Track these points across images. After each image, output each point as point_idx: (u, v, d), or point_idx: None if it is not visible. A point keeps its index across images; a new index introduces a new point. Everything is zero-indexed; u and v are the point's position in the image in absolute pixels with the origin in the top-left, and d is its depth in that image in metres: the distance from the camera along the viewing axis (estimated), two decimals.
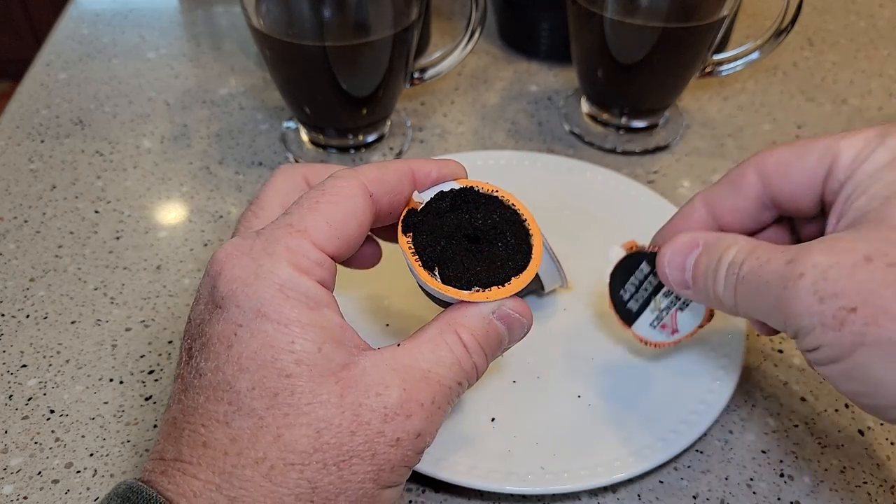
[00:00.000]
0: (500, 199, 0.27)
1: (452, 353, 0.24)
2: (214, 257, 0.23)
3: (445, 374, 0.24)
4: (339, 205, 0.24)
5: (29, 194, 0.45)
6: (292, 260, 0.23)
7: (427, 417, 0.23)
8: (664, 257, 0.28)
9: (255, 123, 0.50)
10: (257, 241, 0.23)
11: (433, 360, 0.24)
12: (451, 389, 0.24)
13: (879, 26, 0.61)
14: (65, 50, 0.57)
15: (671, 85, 0.47)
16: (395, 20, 0.40)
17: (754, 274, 0.24)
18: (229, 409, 0.22)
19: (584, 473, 0.30)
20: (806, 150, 0.26)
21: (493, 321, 0.25)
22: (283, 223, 0.24)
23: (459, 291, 0.25)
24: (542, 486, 0.29)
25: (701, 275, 0.27)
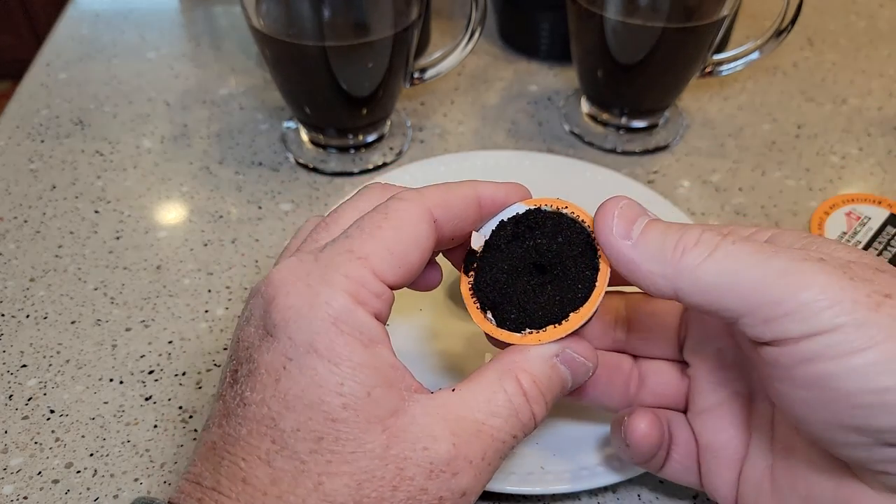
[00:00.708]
0: (567, 217, 0.25)
1: (511, 403, 0.22)
2: (270, 279, 0.22)
3: (501, 426, 0.22)
4: (403, 230, 0.23)
5: (29, 194, 0.45)
6: (350, 290, 0.21)
7: (475, 476, 0.22)
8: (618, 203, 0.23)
9: (255, 123, 0.50)
10: (315, 267, 0.22)
11: (488, 410, 0.22)
12: (504, 444, 0.22)
13: (879, 26, 0.61)
14: (65, 50, 0.57)
15: (671, 85, 0.47)
16: (395, 20, 0.40)
17: (752, 243, 0.21)
18: (272, 448, 0.21)
19: (584, 473, 0.30)
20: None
21: (557, 365, 0.24)
22: (343, 248, 0.22)
23: (510, 335, 0.24)
24: (542, 487, 0.29)
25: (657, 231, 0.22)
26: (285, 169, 0.47)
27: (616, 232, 0.23)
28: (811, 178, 0.47)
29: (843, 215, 0.41)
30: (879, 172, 0.47)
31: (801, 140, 0.50)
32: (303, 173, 0.47)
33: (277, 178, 0.46)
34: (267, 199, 0.45)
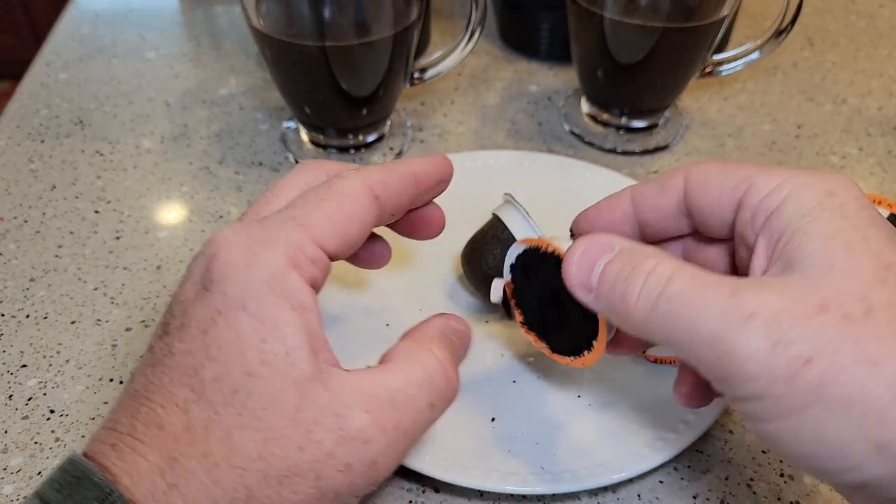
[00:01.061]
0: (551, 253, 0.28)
1: (425, 370, 0.23)
2: (212, 239, 0.23)
3: (415, 394, 0.23)
4: (344, 204, 0.24)
5: (29, 194, 0.45)
6: (289, 253, 0.22)
7: (388, 444, 0.22)
8: (574, 253, 0.24)
9: (255, 123, 0.50)
10: (257, 229, 0.23)
11: (403, 379, 0.23)
12: (420, 413, 0.23)
13: (879, 26, 0.62)
14: (65, 50, 0.57)
15: (671, 85, 0.47)
16: (395, 20, 0.40)
17: (686, 297, 0.21)
18: (190, 397, 0.22)
19: (584, 473, 0.30)
20: (727, 171, 0.24)
21: (450, 336, 0.26)
22: (286, 215, 0.23)
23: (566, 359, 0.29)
24: (542, 487, 0.29)
25: (609, 279, 0.23)
26: (285, 169, 0.47)
27: (578, 284, 0.24)
28: None
29: None
30: (879, 172, 0.47)
31: (800, 140, 0.50)
32: None
33: (278, 178, 0.46)
34: None
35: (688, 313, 0.21)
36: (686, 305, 0.21)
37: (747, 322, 0.20)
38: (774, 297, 0.20)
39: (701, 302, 0.21)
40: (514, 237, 0.35)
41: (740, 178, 0.24)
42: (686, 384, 0.27)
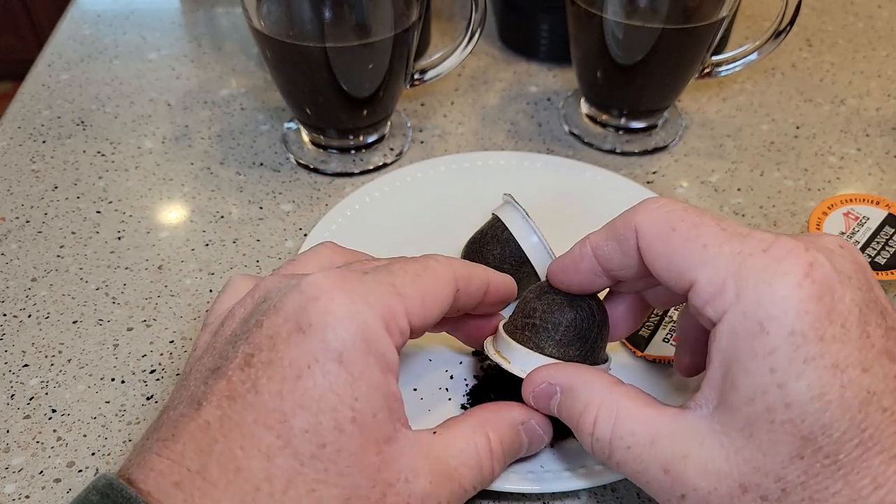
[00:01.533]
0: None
1: (478, 455, 0.25)
2: (314, 280, 0.23)
3: (467, 475, 0.24)
4: (436, 287, 0.25)
5: (31, 194, 0.45)
6: (386, 316, 0.23)
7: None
8: (528, 397, 0.27)
9: (256, 124, 0.51)
10: (360, 286, 0.23)
11: (461, 459, 0.24)
12: (466, 492, 0.25)
13: (878, 27, 0.62)
14: (66, 51, 0.57)
15: (670, 86, 0.47)
16: (396, 21, 0.41)
17: (629, 464, 0.23)
18: (275, 444, 0.21)
19: (583, 473, 0.30)
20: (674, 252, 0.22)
21: (521, 432, 0.27)
22: (387, 281, 0.24)
23: None
24: (541, 486, 0.30)
25: (564, 417, 0.26)
26: (286, 169, 0.47)
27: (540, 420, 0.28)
28: (809, 178, 0.47)
29: (842, 215, 0.41)
30: (878, 172, 0.48)
31: (799, 140, 0.50)
32: (303, 174, 0.47)
33: (278, 178, 0.46)
34: (268, 200, 0.45)
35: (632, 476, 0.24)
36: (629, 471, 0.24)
37: (682, 501, 0.22)
38: (701, 477, 0.22)
39: (642, 474, 0.23)
40: (514, 237, 0.35)
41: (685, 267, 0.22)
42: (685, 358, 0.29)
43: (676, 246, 0.22)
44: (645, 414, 0.24)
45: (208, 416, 0.22)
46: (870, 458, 0.20)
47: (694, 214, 0.23)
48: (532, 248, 0.35)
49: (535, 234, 0.35)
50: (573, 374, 0.26)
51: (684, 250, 0.22)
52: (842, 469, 0.20)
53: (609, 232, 0.25)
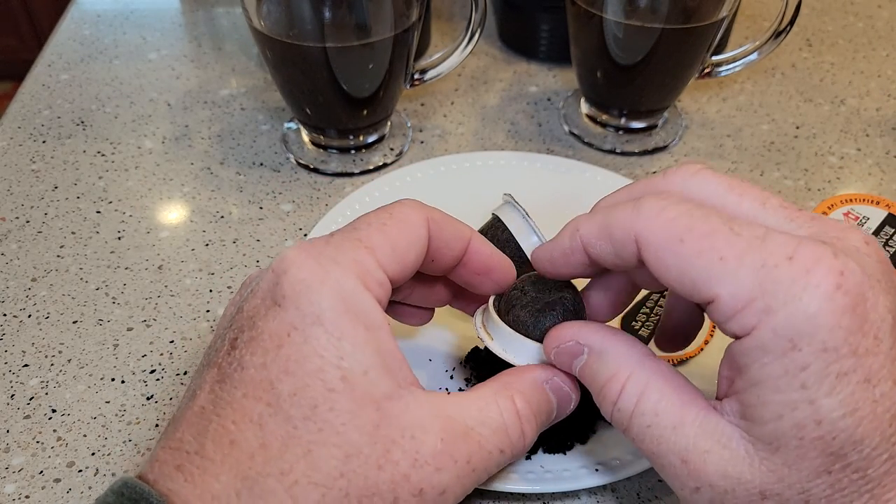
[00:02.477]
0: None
1: (502, 416, 0.23)
2: (282, 255, 0.23)
3: (489, 437, 0.23)
4: (406, 231, 0.24)
5: (31, 194, 0.45)
6: (359, 273, 0.22)
7: (458, 477, 0.22)
8: (550, 352, 0.25)
9: (256, 124, 0.51)
10: (326, 249, 0.23)
11: (479, 419, 0.23)
12: (490, 455, 0.23)
13: (878, 27, 0.62)
14: (66, 51, 0.57)
15: (670, 86, 0.47)
16: (396, 21, 0.41)
17: (648, 443, 0.23)
18: (266, 411, 0.21)
19: (583, 473, 0.30)
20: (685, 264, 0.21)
21: (546, 391, 0.25)
22: (351, 236, 0.23)
23: None
24: (541, 486, 0.30)
25: (589, 381, 0.25)
26: (286, 169, 0.47)
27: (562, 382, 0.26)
28: (809, 178, 0.47)
29: (842, 215, 0.41)
30: (878, 173, 0.48)
31: (799, 140, 0.50)
32: (304, 174, 0.47)
33: (278, 178, 0.46)
34: (268, 200, 0.45)
35: (650, 455, 0.23)
36: (648, 449, 0.23)
37: (695, 494, 0.22)
38: (720, 477, 0.21)
39: (660, 455, 0.22)
40: (514, 237, 0.35)
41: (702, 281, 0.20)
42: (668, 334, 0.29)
43: (689, 259, 0.21)
44: (673, 398, 0.23)
45: (202, 402, 0.22)
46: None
47: (701, 221, 0.21)
48: (532, 248, 0.35)
49: (535, 233, 0.35)
50: (606, 336, 0.24)
51: (699, 264, 0.20)
52: (869, 483, 0.20)
53: (603, 232, 0.23)
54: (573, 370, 0.25)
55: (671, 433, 0.22)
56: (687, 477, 0.22)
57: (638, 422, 0.23)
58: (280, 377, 0.21)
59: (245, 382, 0.21)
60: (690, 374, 0.34)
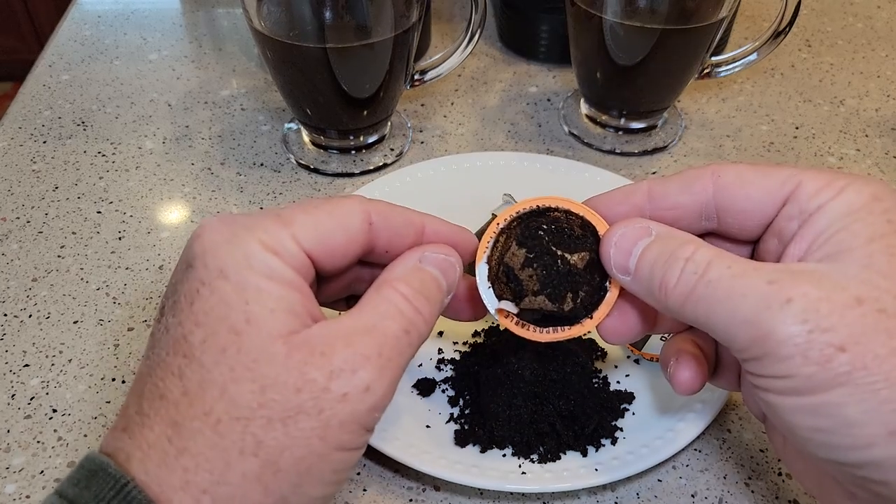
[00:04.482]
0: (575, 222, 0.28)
1: (391, 303, 0.25)
2: (200, 224, 0.25)
3: (389, 325, 0.24)
4: (334, 215, 0.25)
5: (31, 195, 0.45)
6: (265, 241, 0.24)
7: (377, 371, 0.23)
8: (612, 236, 0.26)
9: (256, 125, 0.51)
10: (241, 218, 0.25)
11: (374, 315, 0.24)
12: (398, 339, 0.24)
13: (877, 28, 0.62)
14: (67, 51, 0.57)
15: (669, 86, 0.47)
16: (396, 22, 0.41)
17: (725, 282, 0.23)
18: (183, 363, 0.23)
19: (583, 472, 0.30)
20: (767, 172, 0.25)
21: (423, 267, 0.26)
22: (272, 212, 0.25)
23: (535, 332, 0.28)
24: (541, 485, 0.30)
25: (647, 264, 0.25)
26: (286, 170, 0.47)
27: (615, 266, 0.26)
28: None
29: None
30: (877, 173, 0.48)
31: (798, 141, 0.50)
32: (304, 174, 0.47)
33: (279, 178, 0.46)
34: (268, 200, 0.45)
35: (726, 297, 0.22)
36: (725, 290, 0.23)
37: (784, 307, 0.21)
38: (812, 286, 0.22)
39: (740, 288, 0.22)
40: None
41: (785, 177, 0.25)
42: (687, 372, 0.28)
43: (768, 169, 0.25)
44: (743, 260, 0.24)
45: (141, 369, 0.24)
46: None
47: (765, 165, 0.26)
48: None
49: None
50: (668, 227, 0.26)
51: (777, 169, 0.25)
52: None
53: (670, 178, 0.27)
54: (632, 255, 0.25)
55: (754, 269, 0.23)
56: (777, 293, 0.22)
57: (718, 264, 0.23)
58: (192, 329, 0.23)
59: (167, 343, 0.23)
60: None
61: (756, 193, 0.25)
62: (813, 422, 0.22)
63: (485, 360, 0.34)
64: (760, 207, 0.25)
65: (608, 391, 0.33)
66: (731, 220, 0.26)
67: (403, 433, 0.32)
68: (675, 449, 0.31)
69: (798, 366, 0.21)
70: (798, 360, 0.21)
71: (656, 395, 0.33)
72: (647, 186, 0.27)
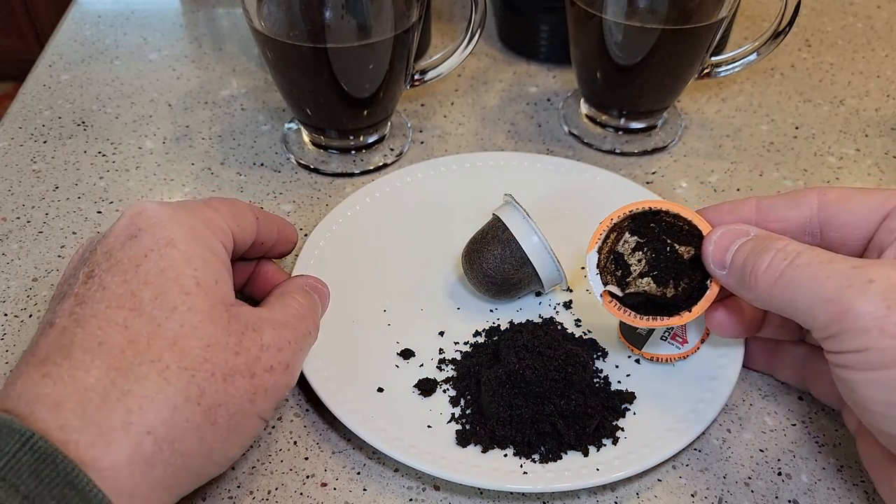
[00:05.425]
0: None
1: (297, 309, 0.30)
2: (134, 204, 0.27)
3: (297, 324, 0.29)
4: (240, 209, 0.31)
5: (32, 195, 0.45)
6: (204, 219, 0.28)
7: (292, 354, 0.28)
8: (714, 234, 0.29)
9: (256, 124, 0.51)
10: (177, 204, 0.28)
11: (287, 314, 0.29)
12: (305, 336, 0.29)
13: (877, 27, 0.62)
14: (67, 51, 0.57)
15: (669, 86, 0.47)
16: (396, 22, 0.41)
17: (812, 266, 0.25)
18: (130, 315, 0.24)
19: (584, 472, 0.30)
20: (871, 191, 0.29)
21: (307, 290, 0.32)
22: (200, 201, 0.29)
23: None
24: (542, 485, 0.30)
25: (741, 256, 0.28)
26: (287, 170, 0.47)
27: (713, 262, 0.29)
28: (809, 178, 0.47)
29: None
30: (877, 173, 0.48)
31: (798, 141, 0.50)
32: (304, 174, 0.47)
33: (279, 178, 0.46)
34: (269, 200, 0.45)
35: (811, 278, 0.25)
36: (811, 272, 0.25)
37: (866, 286, 0.24)
38: (893, 271, 0.24)
39: (825, 270, 0.25)
40: (514, 237, 0.35)
41: (888, 195, 0.28)
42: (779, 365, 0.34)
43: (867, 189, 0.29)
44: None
45: (63, 323, 0.25)
46: None
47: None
48: (533, 248, 0.35)
49: (536, 233, 0.35)
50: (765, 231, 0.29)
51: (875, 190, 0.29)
52: None
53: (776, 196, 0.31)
54: (729, 251, 0.28)
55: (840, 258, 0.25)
56: (859, 274, 0.24)
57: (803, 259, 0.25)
58: (141, 287, 0.25)
59: (107, 298, 0.25)
60: (686, 374, 0.34)
61: (859, 209, 0.28)
62: (887, 396, 0.23)
63: (486, 360, 0.34)
64: (863, 222, 0.28)
65: (609, 391, 0.33)
66: (833, 234, 0.29)
67: (405, 433, 0.32)
68: (677, 448, 0.31)
69: (875, 339, 0.23)
70: (875, 333, 0.23)
71: (657, 395, 0.33)
72: (755, 201, 0.31)
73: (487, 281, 0.36)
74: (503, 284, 0.36)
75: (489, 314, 0.38)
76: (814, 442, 0.33)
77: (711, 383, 0.33)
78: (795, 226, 0.30)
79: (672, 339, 0.35)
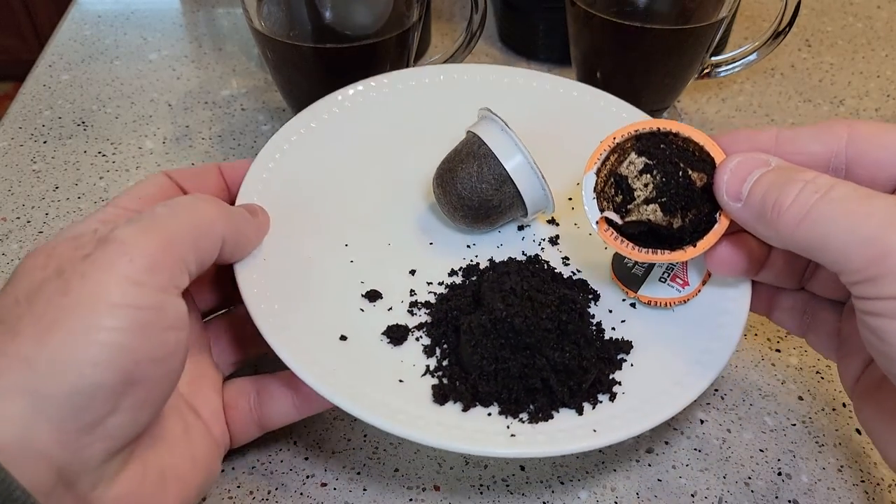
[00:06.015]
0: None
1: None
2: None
3: None
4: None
5: (32, 195, 0.45)
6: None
7: None
8: (729, 162, 0.26)
9: (256, 124, 0.51)
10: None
11: None
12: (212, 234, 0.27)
13: (877, 28, 0.62)
14: (67, 51, 0.57)
15: (669, 86, 0.47)
16: (396, 22, 0.41)
17: (848, 202, 0.22)
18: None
19: (580, 433, 0.27)
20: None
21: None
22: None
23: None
24: (534, 448, 0.26)
25: (761, 189, 0.25)
26: None
27: (727, 193, 0.26)
28: None
29: None
30: None
31: None
32: None
33: None
34: None
35: (848, 215, 0.22)
36: (848, 209, 0.22)
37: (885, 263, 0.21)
38: None
39: (866, 207, 0.22)
40: (491, 151, 0.31)
41: None
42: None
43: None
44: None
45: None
46: None
47: None
48: (514, 164, 0.31)
49: (518, 147, 0.30)
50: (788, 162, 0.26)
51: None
52: None
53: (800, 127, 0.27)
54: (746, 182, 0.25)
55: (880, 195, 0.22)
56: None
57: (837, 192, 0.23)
58: None
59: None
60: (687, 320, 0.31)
61: (894, 143, 0.25)
62: None
63: (465, 304, 0.30)
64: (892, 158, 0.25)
65: (603, 340, 0.30)
66: (861, 171, 0.26)
67: (372, 388, 0.27)
68: (682, 405, 0.27)
69: None
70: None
71: (657, 345, 0.30)
72: (776, 131, 0.27)
73: (462, 205, 0.32)
74: (480, 208, 0.32)
75: (466, 250, 0.34)
76: (814, 442, 0.33)
77: (718, 331, 0.29)
78: (819, 160, 0.26)
79: (672, 280, 0.31)
